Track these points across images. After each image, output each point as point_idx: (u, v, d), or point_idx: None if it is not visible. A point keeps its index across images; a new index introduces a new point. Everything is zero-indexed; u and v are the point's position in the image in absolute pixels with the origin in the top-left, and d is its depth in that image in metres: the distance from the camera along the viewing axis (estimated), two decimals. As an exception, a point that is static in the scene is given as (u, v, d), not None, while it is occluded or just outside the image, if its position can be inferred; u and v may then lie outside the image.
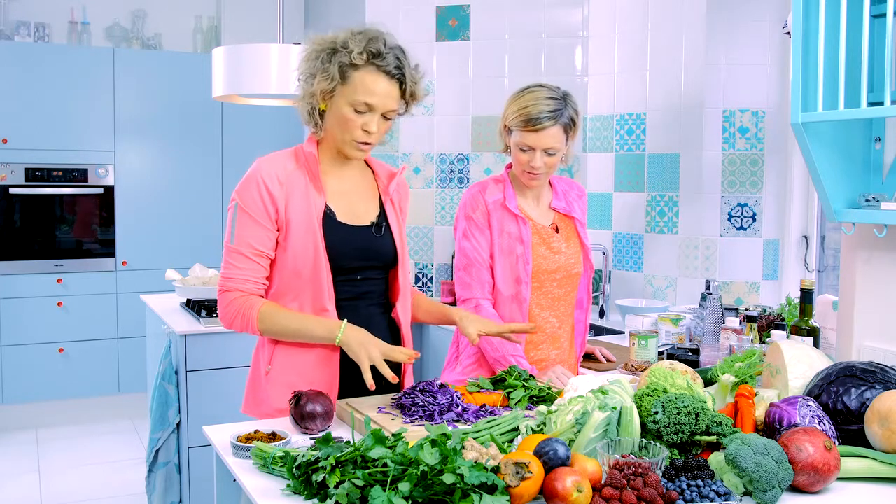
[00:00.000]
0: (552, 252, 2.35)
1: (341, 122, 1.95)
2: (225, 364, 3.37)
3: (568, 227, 2.43)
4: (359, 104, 1.92)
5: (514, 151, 2.31)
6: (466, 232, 2.33)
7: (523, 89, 2.31)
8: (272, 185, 1.95)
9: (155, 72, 5.30)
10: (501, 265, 2.31)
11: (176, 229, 5.39)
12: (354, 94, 1.91)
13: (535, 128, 2.24)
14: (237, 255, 1.96)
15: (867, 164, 2.02)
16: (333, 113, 1.95)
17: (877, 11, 1.85)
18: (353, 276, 2.03)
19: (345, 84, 1.92)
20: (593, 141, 3.97)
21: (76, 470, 4.40)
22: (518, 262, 2.30)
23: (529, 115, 2.24)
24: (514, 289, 2.31)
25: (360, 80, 1.91)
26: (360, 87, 1.91)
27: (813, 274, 3.41)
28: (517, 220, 2.33)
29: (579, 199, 2.49)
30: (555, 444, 1.42)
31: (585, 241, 2.44)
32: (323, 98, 1.95)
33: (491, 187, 2.37)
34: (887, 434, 1.56)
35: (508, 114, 2.30)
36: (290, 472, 1.47)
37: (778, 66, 3.40)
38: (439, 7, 4.08)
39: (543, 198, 2.43)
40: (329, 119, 1.98)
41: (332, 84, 1.92)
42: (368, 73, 1.91)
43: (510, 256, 2.31)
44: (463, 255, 2.34)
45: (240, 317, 1.96)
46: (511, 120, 2.29)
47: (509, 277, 2.32)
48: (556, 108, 2.25)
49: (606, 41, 3.89)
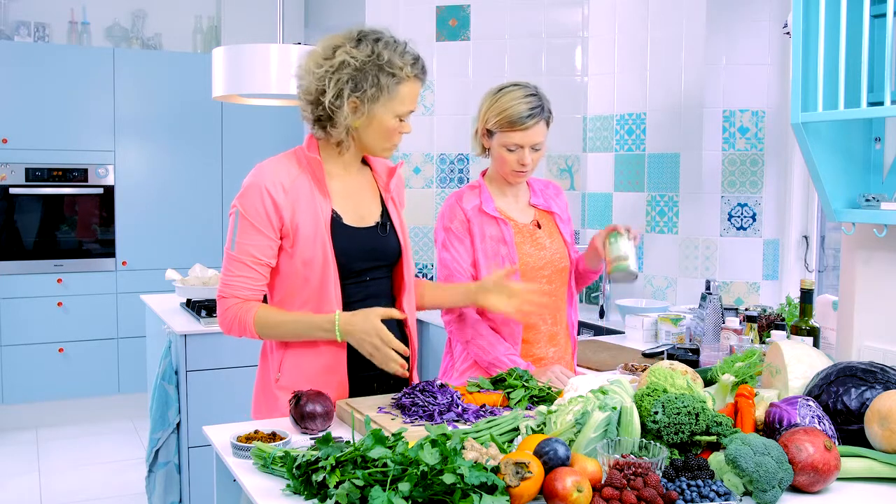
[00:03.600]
0: (537, 248, 2.35)
1: (383, 132, 1.96)
2: (225, 364, 3.37)
3: (549, 223, 2.43)
4: (404, 114, 1.95)
5: (497, 153, 2.31)
6: (445, 243, 2.34)
7: (498, 91, 2.31)
8: (276, 193, 1.93)
9: (155, 72, 5.30)
10: (487, 270, 2.30)
11: (176, 229, 5.39)
12: (402, 105, 1.94)
13: (522, 127, 2.25)
14: (237, 262, 1.95)
15: (867, 164, 2.02)
16: (372, 125, 1.95)
17: (877, 11, 1.84)
18: (361, 277, 2.03)
19: (391, 98, 1.92)
20: (593, 141, 3.97)
21: (76, 470, 4.40)
22: (505, 264, 2.30)
23: (514, 115, 2.25)
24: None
25: (406, 93, 1.94)
26: (406, 98, 1.94)
27: (813, 274, 3.41)
28: (497, 222, 2.33)
29: (557, 196, 2.50)
30: (555, 444, 1.42)
31: (566, 235, 2.44)
32: (355, 111, 1.92)
33: (467, 194, 2.37)
34: (887, 434, 1.56)
35: (489, 117, 2.29)
36: (290, 472, 1.47)
37: (778, 66, 3.40)
38: (439, 7, 4.08)
39: (522, 196, 2.43)
40: (365, 130, 1.96)
41: (378, 103, 1.91)
42: (413, 85, 1.95)
43: (496, 259, 2.31)
44: (443, 267, 2.34)
45: (237, 323, 1.96)
46: (493, 123, 2.28)
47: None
48: (536, 105, 2.27)
49: (606, 41, 3.89)
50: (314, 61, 1.94)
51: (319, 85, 1.92)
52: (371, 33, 1.94)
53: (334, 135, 1.96)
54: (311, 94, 1.94)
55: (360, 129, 1.96)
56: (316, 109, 1.95)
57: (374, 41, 1.91)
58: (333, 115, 1.92)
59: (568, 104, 4.00)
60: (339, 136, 1.96)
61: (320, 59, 1.93)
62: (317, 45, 1.98)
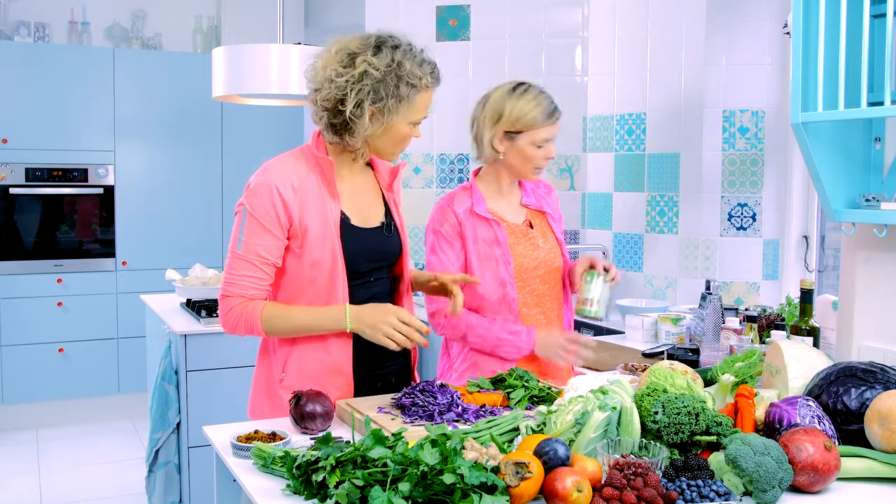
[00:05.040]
0: (531, 249, 2.36)
1: (398, 139, 1.97)
2: (225, 364, 3.37)
3: (542, 223, 2.44)
4: (419, 121, 1.96)
5: (521, 152, 2.30)
6: (434, 247, 2.33)
7: (514, 91, 2.31)
8: (286, 192, 1.91)
9: (155, 72, 5.30)
10: (481, 272, 2.30)
11: (176, 229, 5.39)
12: (418, 114, 1.95)
13: (552, 121, 2.30)
14: (243, 262, 1.93)
15: (867, 164, 2.02)
16: (388, 132, 1.94)
17: (877, 11, 1.84)
18: (367, 278, 2.03)
19: (409, 108, 1.93)
20: (593, 141, 3.97)
21: (76, 470, 4.40)
22: (499, 265, 2.30)
23: (544, 111, 2.29)
24: (499, 292, 2.31)
25: (422, 101, 1.95)
26: (423, 106, 1.95)
27: (813, 274, 3.41)
28: (489, 223, 2.33)
29: (548, 195, 2.51)
30: (555, 444, 1.42)
31: (559, 234, 2.45)
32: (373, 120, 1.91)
33: (459, 196, 2.37)
34: (887, 434, 1.56)
35: (513, 118, 2.28)
36: (290, 472, 1.47)
37: (778, 66, 3.40)
38: (439, 7, 4.08)
39: (514, 197, 2.44)
40: (380, 137, 1.95)
41: (397, 112, 1.91)
42: (430, 93, 1.97)
43: (489, 261, 2.31)
44: (431, 270, 2.33)
45: (243, 321, 1.94)
46: (522, 123, 2.28)
47: (492, 282, 2.30)
48: (551, 99, 2.34)
49: (606, 41, 3.89)
50: (333, 69, 1.89)
51: (340, 94, 1.89)
52: (389, 40, 1.92)
53: (351, 143, 1.95)
54: (330, 101, 1.90)
55: (374, 136, 1.95)
56: (333, 118, 1.92)
57: (393, 48, 1.90)
58: (352, 124, 1.90)
59: (568, 104, 3.98)
60: (355, 145, 1.95)
61: (339, 68, 1.89)
62: (329, 50, 1.93)
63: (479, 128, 2.36)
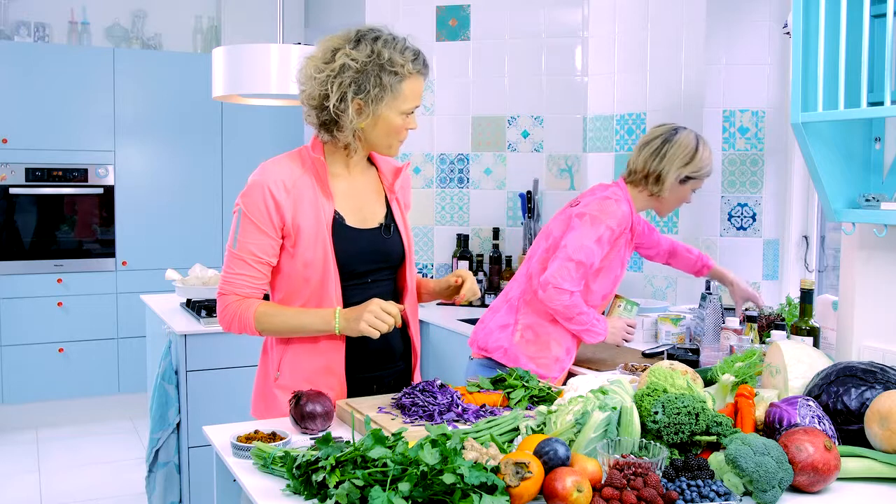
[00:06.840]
0: None
1: (390, 130, 1.95)
2: (225, 364, 3.37)
3: None
4: (409, 110, 1.95)
5: (679, 194, 2.63)
6: (601, 239, 2.49)
7: (702, 147, 2.59)
8: (278, 192, 1.92)
9: (155, 72, 5.30)
10: (604, 274, 2.57)
11: (176, 229, 5.39)
12: (406, 103, 1.94)
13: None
14: (238, 260, 1.95)
15: (867, 164, 2.02)
16: (378, 124, 1.94)
17: (877, 11, 1.84)
18: (363, 279, 2.03)
19: (395, 97, 1.92)
20: (593, 141, 3.97)
21: (76, 470, 4.40)
22: (615, 281, 2.63)
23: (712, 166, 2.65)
24: (608, 288, 2.64)
25: (409, 89, 1.93)
26: (410, 95, 1.93)
27: (813, 274, 3.41)
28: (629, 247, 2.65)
29: None
30: (555, 444, 1.42)
31: None
32: (360, 113, 1.91)
33: (634, 214, 2.61)
34: (887, 434, 1.56)
35: (699, 168, 2.58)
36: (290, 472, 1.47)
37: (778, 66, 3.40)
38: (439, 7, 4.08)
39: None
40: (371, 130, 1.95)
41: (383, 102, 1.91)
42: (416, 80, 1.95)
43: (611, 273, 2.60)
44: (589, 255, 2.47)
45: (237, 319, 1.96)
46: (702, 172, 2.60)
47: (607, 284, 2.61)
48: None
49: (606, 41, 3.89)
50: (314, 66, 1.92)
51: (322, 90, 1.90)
52: (369, 32, 1.92)
53: (341, 138, 1.95)
54: (315, 99, 1.92)
55: (366, 129, 1.95)
56: (321, 114, 1.94)
57: (373, 40, 1.90)
58: (338, 118, 1.91)
59: (568, 104, 4.00)
60: (346, 140, 1.95)
61: (320, 64, 1.91)
62: (315, 49, 1.96)
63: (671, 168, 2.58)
